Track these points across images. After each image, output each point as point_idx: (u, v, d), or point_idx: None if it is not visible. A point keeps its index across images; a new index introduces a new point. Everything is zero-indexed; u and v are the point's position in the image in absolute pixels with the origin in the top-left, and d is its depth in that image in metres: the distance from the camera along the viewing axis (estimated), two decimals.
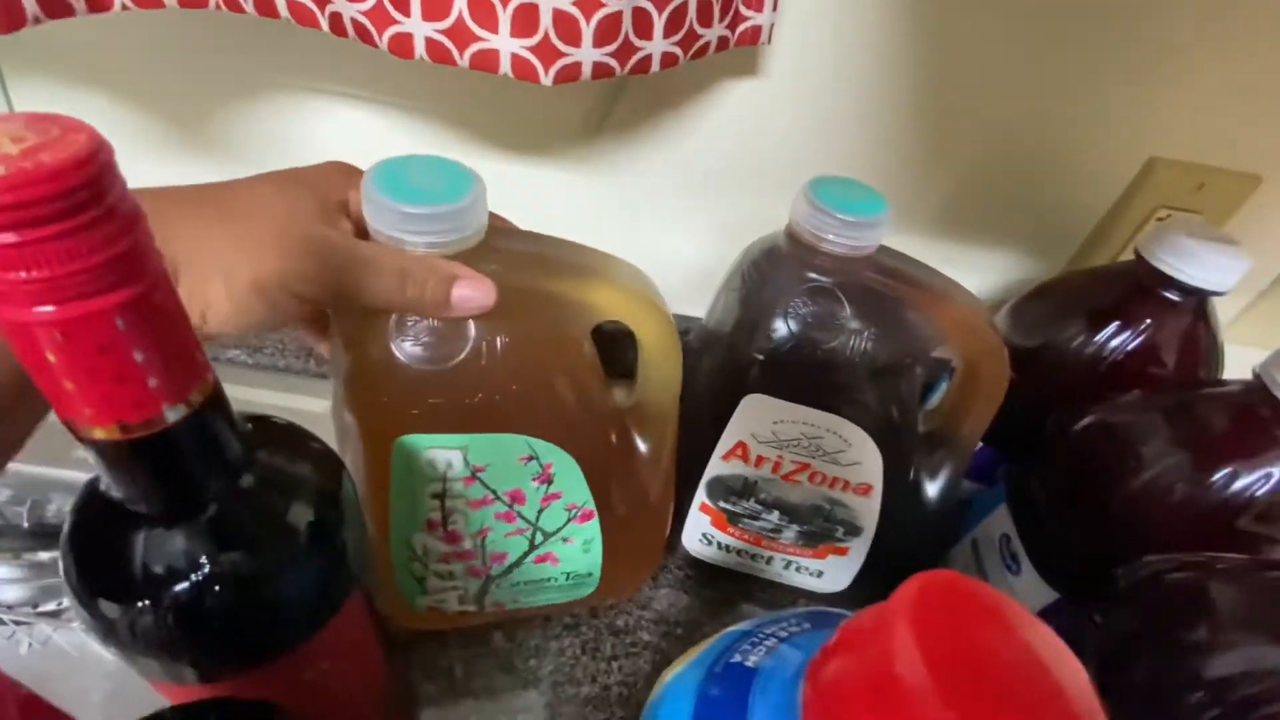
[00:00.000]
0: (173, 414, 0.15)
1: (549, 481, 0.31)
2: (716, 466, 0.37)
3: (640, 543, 0.39)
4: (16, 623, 0.38)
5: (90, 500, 0.17)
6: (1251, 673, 0.22)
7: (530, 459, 0.29)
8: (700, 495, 0.39)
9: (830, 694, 0.16)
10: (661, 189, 0.44)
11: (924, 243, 0.45)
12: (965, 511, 0.41)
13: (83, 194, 0.12)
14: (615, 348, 0.36)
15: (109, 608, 0.17)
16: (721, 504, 0.39)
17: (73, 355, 0.13)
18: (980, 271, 0.46)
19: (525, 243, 0.29)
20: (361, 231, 0.26)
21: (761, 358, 0.34)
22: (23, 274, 0.12)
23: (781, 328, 0.33)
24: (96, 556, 0.17)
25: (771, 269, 0.34)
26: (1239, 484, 0.28)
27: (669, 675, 0.23)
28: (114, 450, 0.15)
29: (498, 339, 0.27)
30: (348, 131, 0.43)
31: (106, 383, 0.14)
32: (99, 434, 0.14)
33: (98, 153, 0.12)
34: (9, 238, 0.11)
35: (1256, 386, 0.28)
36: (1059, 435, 0.35)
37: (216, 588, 0.17)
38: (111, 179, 0.12)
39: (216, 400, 0.16)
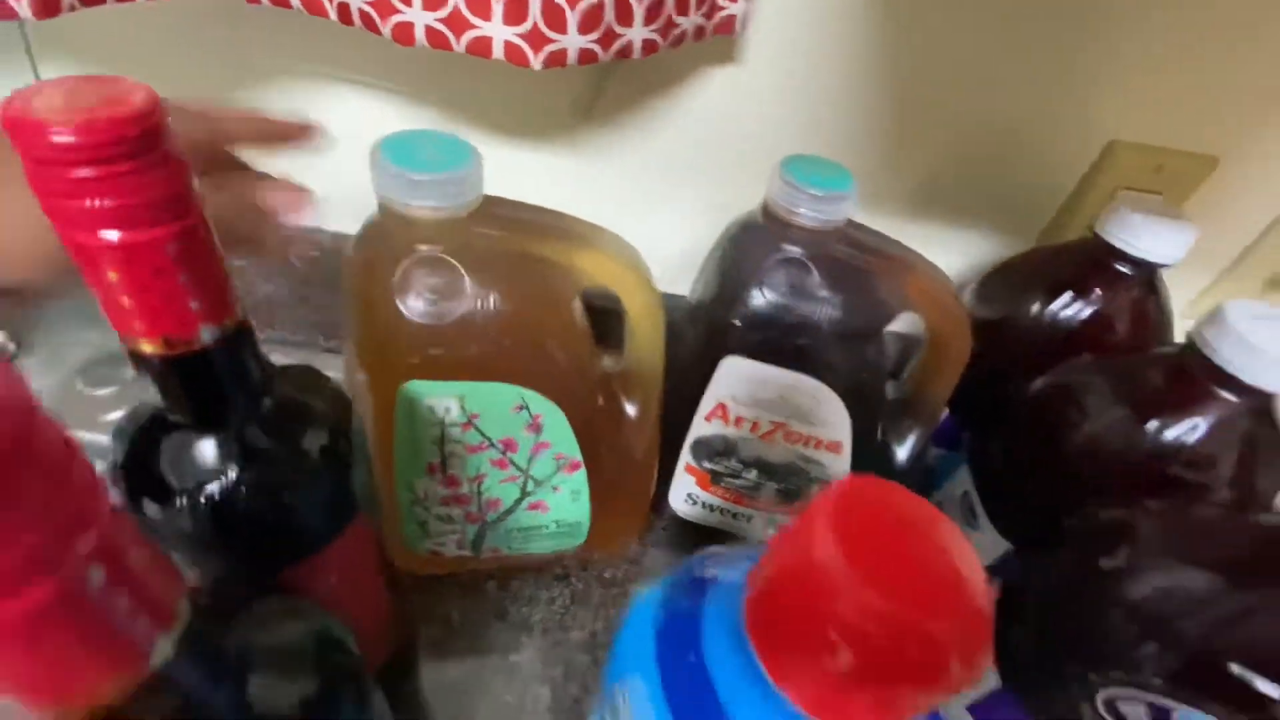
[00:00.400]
0: (208, 335, 0.18)
1: (538, 431, 0.33)
2: (699, 428, 0.40)
3: (627, 500, 0.41)
4: None
5: (138, 416, 0.20)
6: (1167, 591, 0.25)
7: (521, 408, 0.32)
8: (685, 457, 0.42)
9: (763, 588, 0.19)
10: (645, 175, 0.47)
11: (897, 225, 0.47)
12: (931, 475, 0.43)
13: (148, 139, 0.14)
14: (606, 325, 0.38)
15: (149, 506, 0.20)
16: (705, 464, 0.41)
17: (130, 276, 0.16)
18: (952, 252, 0.49)
19: (520, 211, 0.31)
20: None
21: (739, 324, 0.36)
22: (97, 202, 0.14)
23: (757, 296, 0.36)
24: (140, 461, 0.20)
25: (749, 242, 0.36)
26: (1171, 434, 0.30)
27: (641, 592, 0.26)
28: (158, 364, 0.18)
29: (492, 297, 0.30)
30: (352, 118, 0.46)
31: (157, 301, 0.16)
32: (146, 347, 0.17)
33: (158, 106, 0.15)
34: (87, 172, 0.14)
35: (1189, 347, 0.30)
36: (1016, 399, 0.37)
37: (241, 490, 0.20)
38: (168, 130, 0.15)
39: (245, 329, 0.19)
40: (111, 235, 0.15)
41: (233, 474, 0.20)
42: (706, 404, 0.39)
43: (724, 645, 0.21)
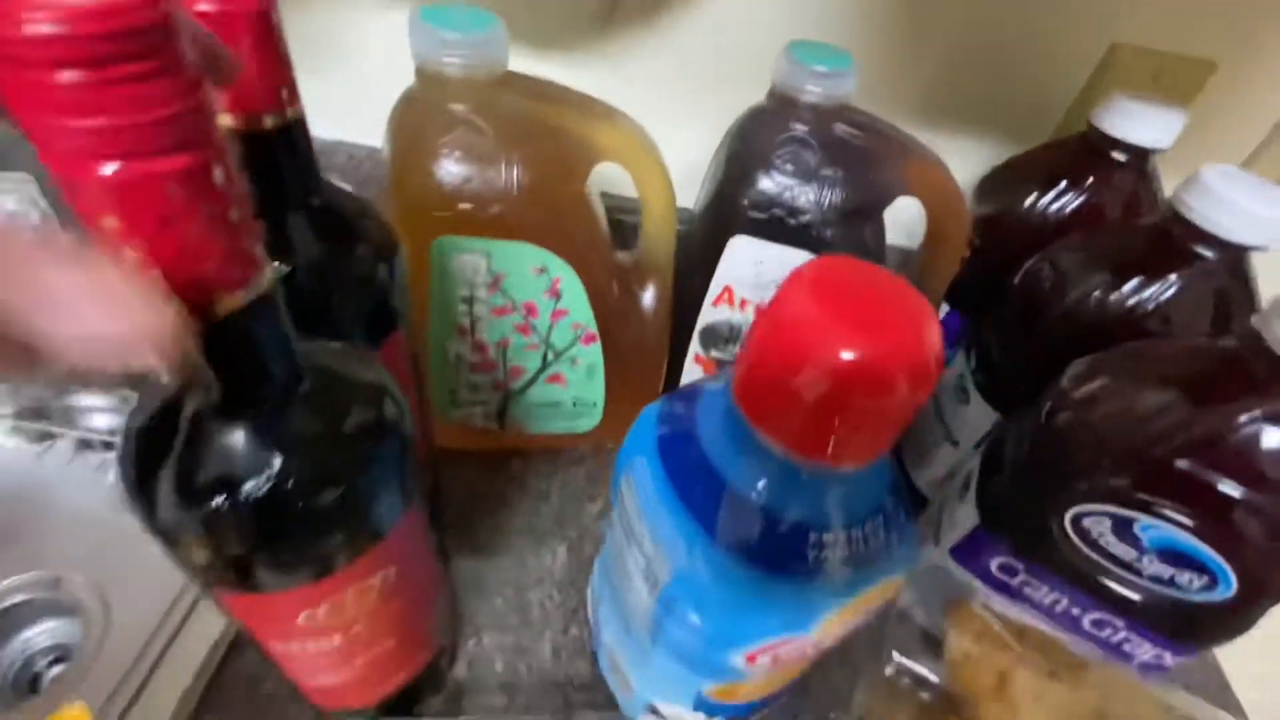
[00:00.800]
0: (272, 119, 0.21)
1: (558, 297, 0.36)
2: (708, 314, 0.42)
3: (638, 388, 0.44)
4: (106, 445, 0.44)
5: None
6: (1122, 407, 0.27)
7: (542, 271, 0.35)
8: (694, 346, 0.44)
9: (746, 352, 0.21)
10: (660, 86, 0.49)
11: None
12: None
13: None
14: (618, 233, 0.41)
15: None
16: (713, 352, 0.44)
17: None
18: (959, 159, 0.50)
19: (545, 85, 0.34)
20: None
21: (747, 204, 0.38)
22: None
23: (764, 176, 0.38)
24: None
25: (756, 126, 0.39)
26: (1149, 292, 0.32)
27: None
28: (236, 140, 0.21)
29: (515, 160, 0.32)
30: (380, 32, 0.48)
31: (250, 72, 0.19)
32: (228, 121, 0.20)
33: None
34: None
35: (1169, 212, 0.32)
36: (1009, 283, 0.39)
37: (300, 272, 0.23)
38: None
39: (301, 124, 0.22)
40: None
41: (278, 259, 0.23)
42: (714, 289, 0.41)
43: (714, 419, 0.23)
